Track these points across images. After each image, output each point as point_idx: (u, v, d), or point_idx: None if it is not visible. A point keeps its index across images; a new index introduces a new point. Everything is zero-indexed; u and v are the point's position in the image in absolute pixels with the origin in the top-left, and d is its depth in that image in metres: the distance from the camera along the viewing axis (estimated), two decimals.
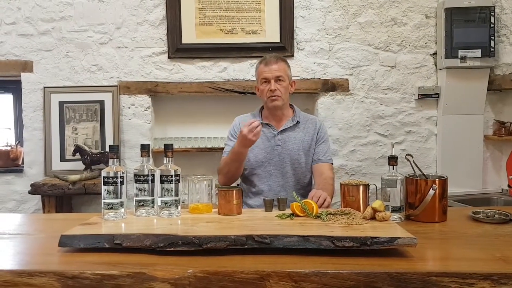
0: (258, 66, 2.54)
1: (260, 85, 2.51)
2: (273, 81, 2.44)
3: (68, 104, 3.49)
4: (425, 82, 3.59)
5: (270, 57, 2.51)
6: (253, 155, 2.49)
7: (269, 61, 2.48)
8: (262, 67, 2.49)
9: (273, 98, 2.46)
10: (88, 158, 3.33)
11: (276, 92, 2.44)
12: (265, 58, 2.54)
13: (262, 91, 2.50)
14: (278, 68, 2.46)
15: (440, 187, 1.89)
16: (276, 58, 2.50)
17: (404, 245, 1.46)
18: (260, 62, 2.55)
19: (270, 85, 2.44)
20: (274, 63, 2.46)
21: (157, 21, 3.51)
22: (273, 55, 2.55)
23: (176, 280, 1.32)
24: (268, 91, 2.45)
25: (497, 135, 3.54)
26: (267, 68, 2.46)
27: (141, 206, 1.83)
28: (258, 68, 2.53)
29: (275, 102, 2.47)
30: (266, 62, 2.49)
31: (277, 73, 2.45)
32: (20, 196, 3.52)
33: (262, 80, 2.48)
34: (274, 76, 2.44)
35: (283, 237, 1.48)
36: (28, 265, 1.45)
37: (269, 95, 2.45)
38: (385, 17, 3.57)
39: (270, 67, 2.46)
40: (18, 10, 3.46)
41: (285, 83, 2.47)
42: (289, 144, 2.50)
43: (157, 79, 3.53)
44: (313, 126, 2.56)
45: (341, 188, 1.94)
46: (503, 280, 1.28)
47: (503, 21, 3.45)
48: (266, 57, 2.54)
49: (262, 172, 2.50)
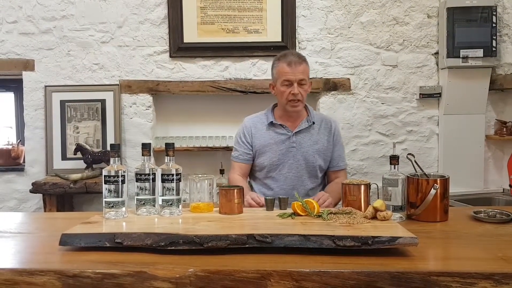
0: (278, 64, 2.37)
1: (281, 86, 2.35)
2: (296, 85, 2.31)
3: (69, 103, 3.49)
4: (426, 81, 3.59)
5: (293, 57, 2.35)
6: (268, 158, 2.41)
7: (293, 62, 2.32)
8: (285, 67, 2.33)
9: (295, 104, 2.35)
10: (89, 157, 3.33)
11: (298, 97, 2.32)
12: (286, 56, 2.38)
13: (282, 93, 2.36)
14: (302, 70, 2.32)
15: (442, 186, 1.88)
16: (300, 59, 2.35)
17: (405, 245, 1.45)
18: (279, 59, 2.39)
19: (292, 88, 2.31)
20: (299, 64, 2.32)
21: (159, 20, 3.51)
22: (295, 54, 2.40)
23: (177, 279, 1.32)
24: (289, 94, 2.32)
25: (499, 135, 3.54)
26: (290, 70, 2.31)
27: (142, 205, 1.83)
28: (279, 67, 2.36)
29: (297, 108, 2.37)
30: (289, 62, 2.32)
31: (300, 76, 2.32)
32: (21, 194, 3.52)
33: (284, 82, 2.33)
34: (297, 79, 2.31)
35: (284, 236, 1.48)
36: (29, 263, 1.45)
37: (291, 98, 2.33)
38: (387, 17, 3.57)
39: (295, 70, 2.31)
40: (19, 8, 3.47)
41: (306, 86, 2.37)
42: (304, 146, 2.42)
43: (159, 78, 3.53)
44: (328, 128, 2.48)
45: (343, 188, 1.94)
46: (504, 279, 1.28)
47: (505, 21, 3.44)
48: (287, 54, 2.39)
49: (276, 175, 2.42)
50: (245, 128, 2.52)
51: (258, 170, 2.47)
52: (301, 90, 2.33)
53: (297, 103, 2.35)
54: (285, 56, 2.37)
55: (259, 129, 2.49)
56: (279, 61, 2.38)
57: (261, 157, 2.43)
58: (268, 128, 2.46)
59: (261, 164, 2.42)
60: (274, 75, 2.42)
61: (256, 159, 2.47)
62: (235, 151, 2.52)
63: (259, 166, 2.44)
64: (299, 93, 2.32)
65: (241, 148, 2.49)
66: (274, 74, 2.42)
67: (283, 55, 2.40)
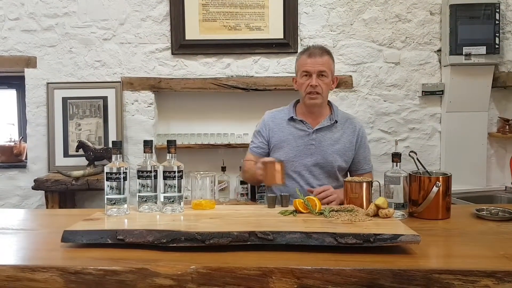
0: (300, 56, 2.33)
1: (300, 78, 2.30)
2: (314, 76, 2.24)
3: (71, 100, 3.49)
4: (429, 79, 3.58)
5: (315, 49, 2.30)
6: (284, 154, 2.33)
7: (313, 53, 2.26)
8: (305, 58, 2.28)
9: (313, 96, 2.27)
10: (91, 154, 3.34)
11: (316, 89, 2.24)
12: (308, 48, 2.33)
13: (301, 85, 2.29)
14: (322, 62, 2.25)
15: (444, 184, 1.88)
16: (321, 50, 2.29)
17: (407, 242, 1.45)
18: (302, 52, 2.35)
19: (311, 79, 2.24)
20: (319, 55, 2.25)
21: (161, 17, 3.50)
22: (318, 46, 2.35)
23: (178, 276, 1.32)
24: (308, 86, 2.25)
25: (501, 133, 3.53)
26: (310, 61, 2.25)
27: (144, 202, 1.83)
28: (300, 59, 2.32)
29: (314, 100, 2.28)
30: (309, 53, 2.27)
31: (320, 68, 2.24)
32: (23, 191, 3.52)
33: (303, 73, 2.27)
34: (316, 70, 2.23)
35: (286, 234, 1.48)
36: (31, 260, 1.46)
37: (309, 90, 2.25)
38: (390, 14, 3.55)
39: (314, 60, 2.24)
40: (21, 5, 3.47)
41: (327, 79, 2.28)
42: (324, 144, 2.33)
43: (161, 75, 3.53)
44: (352, 128, 2.39)
45: (344, 185, 1.94)
46: (507, 277, 1.27)
47: (508, 18, 3.43)
48: (310, 47, 2.34)
49: (291, 173, 2.33)
50: (264, 122, 2.46)
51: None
52: (321, 82, 2.25)
53: (315, 95, 2.26)
54: (307, 49, 2.34)
55: (278, 124, 2.41)
56: (301, 54, 2.35)
57: (277, 152, 2.35)
58: (288, 123, 2.39)
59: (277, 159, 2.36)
60: (296, 69, 2.38)
61: (272, 153, 2.39)
62: (252, 143, 2.47)
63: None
64: (318, 85, 2.24)
65: (256, 141, 2.43)
66: (295, 67, 2.38)
67: (307, 48, 2.36)
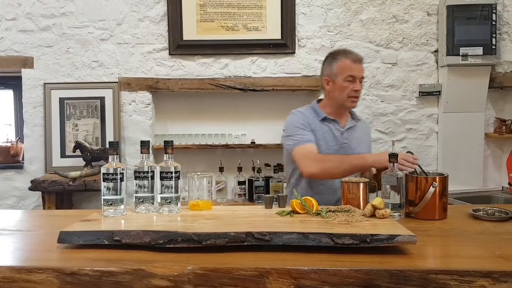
0: (341, 59, 2.32)
1: (343, 82, 2.30)
2: (358, 81, 2.29)
3: (68, 100, 3.49)
4: (426, 79, 3.59)
5: (356, 55, 2.34)
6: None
7: (357, 59, 2.32)
8: (350, 63, 2.30)
9: (355, 100, 2.33)
10: (88, 155, 3.33)
11: (358, 93, 2.32)
12: (346, 51, 2.37)
13: (343, 88, 2.30)
14: (363, 69, 2.34)
15: (441, 184, 1.88)
16: (361, 57, 2.35)
17: (404, 243, 1.45)
18: (340, 54, 2.36)
19: (355, 84, 2.29)
20: (361, 62, 2.33)
21: (158, 17, 3.50)
22: (354, 52, 2.40)
23: (175, 277, 1.31)
24: (351, 90, 2.29)
25: (498, 133, 3.54)
26: (356, 66, 2.30)
27: (141, 202, 1.83)
28: (342, 62, 2.31)
29: (355, 104, 2.35)
30: (354, 59, 2.31)
31: (363, 74, 2.33)
32: (20, 192, 3.52)
33: (349, 78, 2.29)
34: (360, 76, 2.31)
35: (282, 234, 1.47)
36: (27, 261, 1.45)
37: (352, 95, 2.30)
38: (387, 14, 3.56)
39: (359, 66, 2.31)
40: (18, 6, 3.46)
41: (362, 85, 2.36)
42: (353, 143, 2.38)
43: (158, 76, 3.52)
44: (366, 128, 2.50)
45: (342, 186, 1.93)
46: (503, 278, 1.27)
47: (505, 19, 3.44)
48: (348, 51, 2.37)
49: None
50: (303, 117, 2.37)
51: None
52: (360, 87, 2.33)
53: (356, 99, 2.34)
54: (346, 53, 2.36)
55: (313, 122, 2.37)
56: (340, 56, 2.34)
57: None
58: (322, 123, 2.37)
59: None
60: (334, 70, 2.33)
61: None
62: (302, 136, 2.29)
63: None
64: (359, 90, 2.32)
65: (307, 133, 2.31)
66: (333, 69, 2.34)
67: (344, 51, 2.38)
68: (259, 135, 3.63)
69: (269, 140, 3.63)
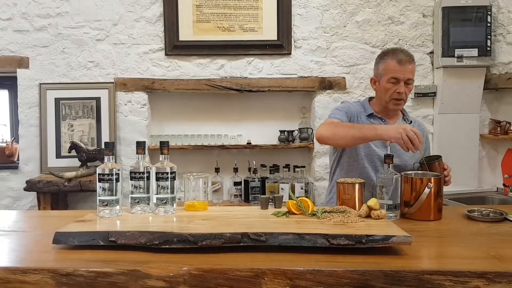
0: (387, 60, 2.28)
1: (386, 83, 2.27)
2: (403, 83, 2.24)
3: (64, 100, 3.48)
4: (421, 81, 3.60)
5: (404, 55, 2.27)
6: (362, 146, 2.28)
7: (404, 60, 2.24)
8: (395, 64, 2.24)
9: (398, 103, 2.28)
10: (84, 155, 3.32)
11: (402, 96, 2.26)
12: (395, 52, 2.29)
13: (386, 90, 2.27)
14: (411, 70, 2.25)
15: (436, 185, 1.89)
16: (410, 58, 2.27)
17: (399, 243, 1.46)
18: (387, 54, 2.31)
19: (399, 87, 2.24)
20: (408, 63, 2.24)
21: (154, 18, 3.50)
22: (405, 52, 2.31)
23: (170, 277, 1.31)
24: (394, 92, 2.25)
25: (493, 134, 3.55)
26: (400, 68, 2.23)
27: (137, 203, 1.83)
28: (387, 63, 2.27)
29: (399, 106, 2.31)
30: (399, 60, 2.24)
31: (409, 76, 2.25)
32: (15, 192, 3.51)
33: (391, 79, 2.25)
34: (405, 78, 2.24)
35: (278, 235, 1.48)
36: (22, 262, 1.45)
37: (395, 97, 2.26)
38: (383, 16, 3.57)
39: (404, 68, 2.23)
40: (14, 5, 3.45)
41: (411, 86, 2.29)
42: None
43: (154, 76, 3.52)
44: (421, 130, 2.33)
45: (337, 186, 1.94)
46: (497, 278, 1.28)
47: (500, 21, 3.45)
48: (397, 51, 2.30)
49: (367, 164, 2.29)
50: (349, 106, 2.40)
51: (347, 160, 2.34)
52: (406, 89, 2.27)
53: (400, 101, 2.28)
54: (394, 53, 2.30)
55: (358, 116, 2.37)
56: (387, 56, 2.30)
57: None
58: (367, 119, 2.36)
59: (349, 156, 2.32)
60: (380, 71, 2.32)
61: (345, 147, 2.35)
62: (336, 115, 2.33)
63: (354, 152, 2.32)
64: (404, 92, 2.26)
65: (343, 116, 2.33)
66: (379, 69, 2.33)
67: (392, 51, 2.31)
68: (255, 136, 3.63)
69: (265, 141, 3.63)
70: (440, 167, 2.08)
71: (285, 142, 3.62)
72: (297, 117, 3.70)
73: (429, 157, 2.22)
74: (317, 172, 3.59)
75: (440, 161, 2.09)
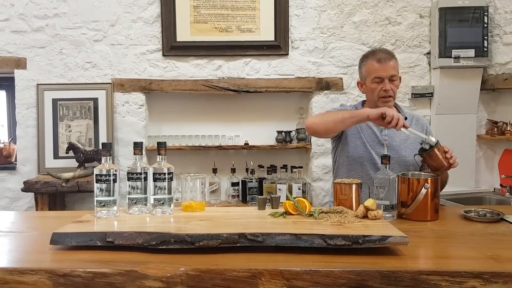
0: (367, 61, 2.35)
1: (371, 84, 2.32)
2: (387, 81, 2.28)
3: (61, 101, 3.48)
4: (418, 81, 3.61)
5: (382, 53, 2.32)
6: (359, 145, 2.33)
7: (383, 59, 2.29)
8: (375, 64, 2.30)
9: (387, 100, 2.30)
10: (81, 156, 3.32)
11: (389, 93, 2.29)
12: (374, 53, 2.35)
13: (372, 90, 2.32)
14: (393, 66, 2.30)
15: (433, 186, 1.90)
16: (389, 55, 2.32)
17: (396, 244, 1.46)
18: (368, 56, 2.36)
19: (384, 85, 2.28)
20: (389, 60, 2.29)
21: (152, 19, 3.50)
22: (384, 50, 2.37)
23: (168, 278, 1.32)
24: (381, 91, 2.29)
25: (490, 135, 3.56)
26: (381, 67, 2.28)
27: (134, 204, 1.83)
28: (368, 64, 2.34)
29: (388, 103, 2.31)
30: (379, 59, 2.29)
31: (392, 72, 2.29)
32: (13, 193, 3.50)
33: (375, 79, 2.30)
34: (388, 75, 2.28)
35: (275, 235, 1.48)
36: (20, 263, 1.45)
37: (382, 95, 2.29)
38: (380, 17, 3.58)
39: (385, 66, 2.28)
40: (11, 6, 3.45)
41: (397, 82, 2.33)
42: (396, 140, 2.34)
43: (152, 77, 3.52)
44: (421, 125, 2.41)
45: (334, 187, 1.94)
46: (493, 278, 1.29)
47: (497, 21, 3.47)
48: (376, 51, 2.36)
49: (366, 162, 2.32)
50: (347, 108, 2.47)
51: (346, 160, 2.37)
52: (392, 86, 2.30)
53: (388, 99, 2.31)
54: (373, 53, 2.35)
55: None
56: (367, 58, 2.36)
57: (352, 143, 2.35)
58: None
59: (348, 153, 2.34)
60: (363, 73, 2.38)
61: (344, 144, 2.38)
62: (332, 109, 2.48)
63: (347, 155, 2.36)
64: (390, 89, 2.29)
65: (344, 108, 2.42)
66: (363, 72, 2.39)
67: (371, 52, 2.37)
68: (252, 137, 3.63)
69: (263, 142, 3.64)
70: (441, 152, 2.06)
71: (282, 142, 3.63)
72: (295, 117, 3.71)
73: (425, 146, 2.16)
74: (315, 173, 3.60)
75: (438, 146, 2.06)
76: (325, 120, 2.26)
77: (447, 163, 2.05)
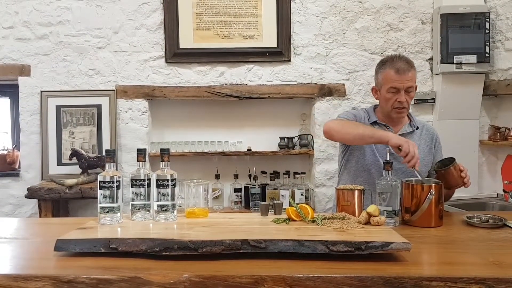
0: (385, 69, 2.25)
1: (386, 93, 2.24)
2: (403, 92, 2.20)
3: (65, 108, 3.49)
4: (421, 87, 3.61)
5: (402, 63, 2.22)
6: (368, 153, 2.28)
7: (402, 69, 2.20)
8: (393, 74, 2.21)
9: (401, 111, 2.25)
10: (85, 162, 3.33)
11: (404, 104, 2.22)
12: (393, 61, 2.25)
13: (387, 100, 2.25)
14: (411, 77, 2.21)
15: (437, 192, 1.89)
16: (408, 65, 2.22)
17: (398, 250, 1.46)
18: (386, 63, 2.27)
19: (399, 96, 2.21)
20: (408, 71, 2.20)
21: (155, 26, 3.52)
22: (404, 59, 2.26)
23: (171, 284, 1.32)
24: (395, 102, 2.23)
25: (492, 140, 3.56)
26: (398, 77, 2.19)
27: (137, 210, 1.83)
28: (386, 73, 2.24)
29: (401, 114, 2.29)
30: (397, 69, 2.20)
31: (409, 84, 2.21)
32: (16, 200, 3.51)
33: (391, 89, 2.22)
34: (405, 86, 2.20)
35: (278, 242, 1.49)
36: (24, 269, 1.45)
37: (396, 106, 2.23)
38: (381, 23, 3.59)
39: (403, 77, 2.19)
40: (15, 14, 3.47)
41: (412, 93, 2.26)
42: None
43: (155, 84, 3.54)
44: (430, 135, 2.38)
45: (337, 193, 1.95)
46: (496, 284, 1.29)
47: (498, 27, 3.47)
48: (395, 59, 2.25)
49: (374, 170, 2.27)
50: (355, 112, 2.41)
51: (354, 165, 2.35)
52: (407, 97, 2.23)
53: (402, 110, 2.26)
54: (392, 61, 2.25)
55: (365, 123, 2.35)
56: (385, 65, 2.27)
57: (358, 150, 2.31)
58: (371, 126, 2.33)
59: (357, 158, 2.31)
60: (379, 80, 2.30)
61: (353, 150, 2.35)
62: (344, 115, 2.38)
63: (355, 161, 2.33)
64: (405, 100, 2.23)
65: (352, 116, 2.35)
66: (379, 78, 2.31)
67: (391, 60, 2.27)
68: (255, 143, 3.64)
69: (265, 148, 3.64)
70: (457, 171, 2.05)
71: (285, 148, 3.63)
72: (297, 123, 3.72)
73: (442, 161, 2.18)
74: (317, 179, 3.60)
75: (455, 164, 2.05)
76: (344, 130, 2.20)
77: (461, 182, 2.05)
